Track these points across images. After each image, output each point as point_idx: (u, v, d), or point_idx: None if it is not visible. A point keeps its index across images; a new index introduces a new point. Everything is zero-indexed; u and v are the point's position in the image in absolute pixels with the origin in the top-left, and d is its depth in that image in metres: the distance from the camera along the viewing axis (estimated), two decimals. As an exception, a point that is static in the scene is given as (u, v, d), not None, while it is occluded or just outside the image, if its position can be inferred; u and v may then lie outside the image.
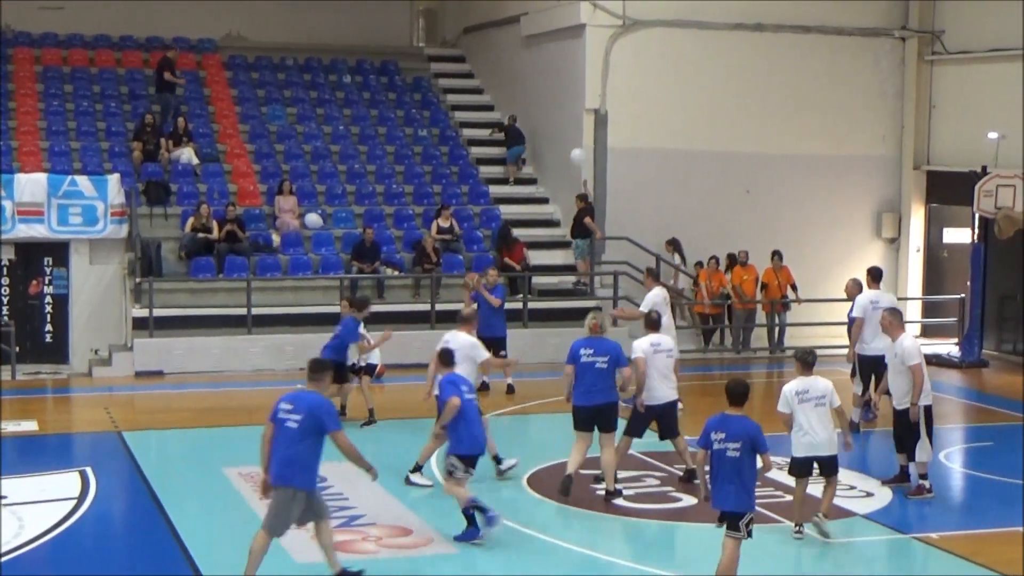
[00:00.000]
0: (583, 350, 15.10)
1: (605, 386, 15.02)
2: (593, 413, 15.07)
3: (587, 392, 15.02)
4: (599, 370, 15.01)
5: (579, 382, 15.03)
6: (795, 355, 13.96)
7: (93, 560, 13.07)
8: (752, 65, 28.52)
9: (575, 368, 15.04)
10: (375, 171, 29.23)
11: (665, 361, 15.33)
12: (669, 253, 27.39)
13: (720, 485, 11.60)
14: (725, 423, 11.62)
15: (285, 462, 11.56)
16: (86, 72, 30.71)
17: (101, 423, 19.55)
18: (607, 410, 15.09)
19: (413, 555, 13.13)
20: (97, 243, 25.07)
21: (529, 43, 30.27)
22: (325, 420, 11.61)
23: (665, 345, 15.46)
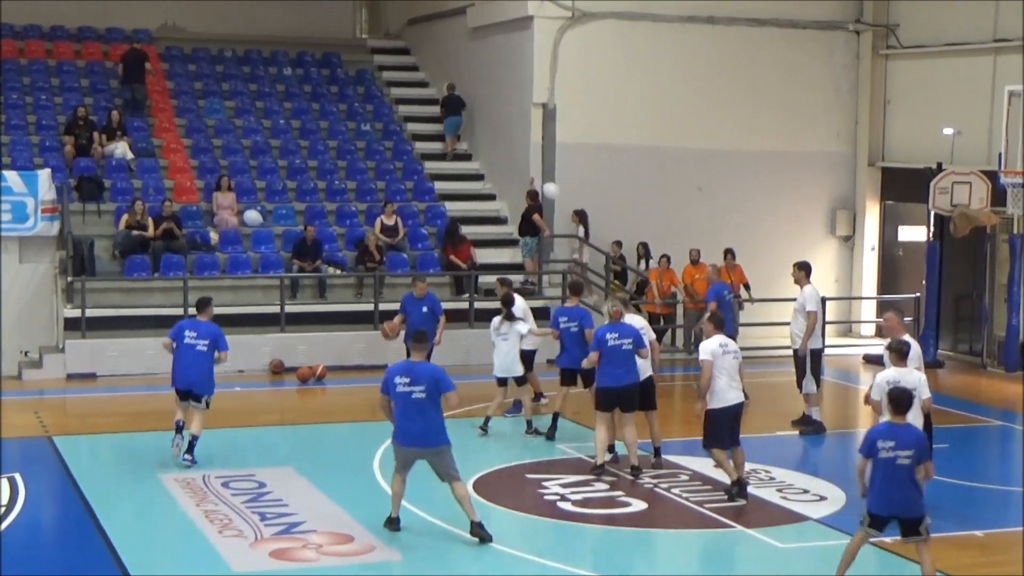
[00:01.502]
0: (608, 334, 15.75)
1: (631, 367, 15.77)
2: (619, 393, 15.78)
3: (614, 374, 15.68)
4: (626, 352, 15.73)
5: (606, 365, 15.68)
6: (890, 347, 13.69)
7: (22, 569, 12.67)
8: (705, 59, 28.27)
9: (601, 352, 15.66)
10: (316, 166, 28.71)
11: (732, 362, 15.02)
12: (575, 224, 27.00)
13: (890, 492, 11.63)
14: (894, 431, 11.69)
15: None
16: (15, 64, 30.04)
17: (31, 427, 19.11)
18: (633, 390, 15.89)
19: (354, 562, 12.80)
20: (27, 241, 24.52)
21: (476, 35, 29.86)
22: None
23: (732, 346, 15.17)
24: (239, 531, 13.42)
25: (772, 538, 13.56)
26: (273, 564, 12.49)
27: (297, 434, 18.71)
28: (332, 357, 23.07)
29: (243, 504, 14.39)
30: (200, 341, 16.64)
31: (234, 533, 13.36)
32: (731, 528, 13.95)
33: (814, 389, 18.96)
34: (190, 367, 16.61)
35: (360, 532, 13.55)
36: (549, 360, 21.44)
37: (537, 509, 14.69)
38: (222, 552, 12.74)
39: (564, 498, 15.04)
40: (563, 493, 15.22)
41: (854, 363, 25.69)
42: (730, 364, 14.92)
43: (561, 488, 15.42)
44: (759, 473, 16.23)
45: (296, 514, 14.13)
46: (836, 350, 26.70)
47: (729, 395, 14.88)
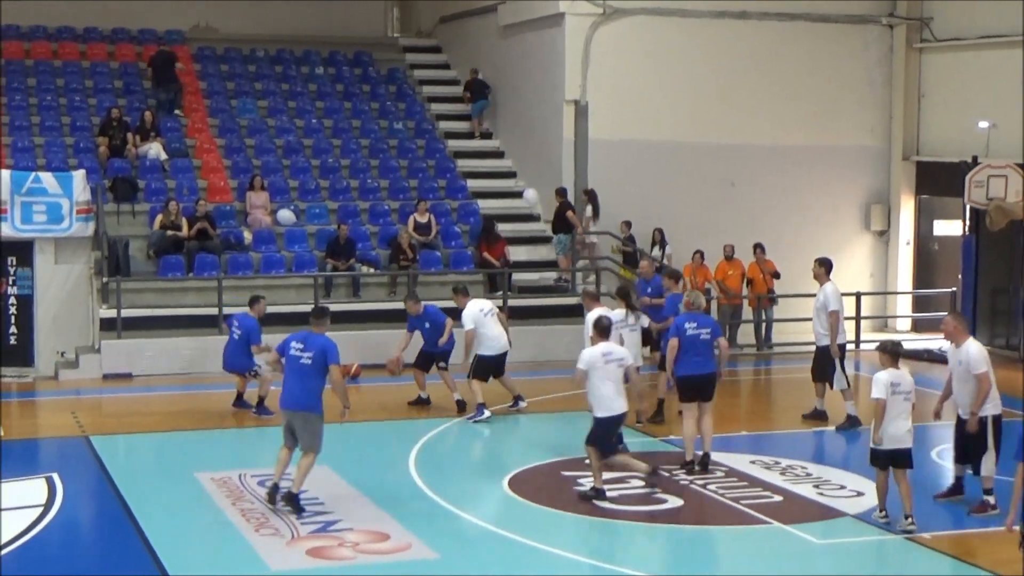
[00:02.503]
0: (687, 323, 15.97)
1: (709, 357, 15.99)
2: (699, 382, 15.94)
3: (693, 362, 15.87)
4: (704, 341, 15.97)
5: (685, 354, 15.87)
6: (882, 347, 13.66)
7: (61, 568, 12.68)
8: (736, 54, 28.17)
9: (680, 341, 15.83)
10: (349, 165, 28.71)
11: (617, 371, 14.64)
12: (583, 202, 27.08)
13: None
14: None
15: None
16: (49, 65, 30.15)
17: (68, 428, 19.13)
18: (711, 379, 16.06)
19: (391, 560, 12.74)
20: (62, 242, 24.62)
21: (507, 33, 29.82)
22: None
23: (617, 354, 14.74)
24: (275, 529, 13.42)
25: (809, 534, 13.46)
26: (310, 562, 12.48)
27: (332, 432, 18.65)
28: (366, 355, 23.04)
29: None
30: (236, 331, 19.62)
31: (271, 531, 13.36)
32: (768, 524, 13.84)
33: (846, 385, 18.85)
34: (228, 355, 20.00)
35: (396, 530, 13.49)
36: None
37: (573, 506, 14.59)
38: (259, 550, 12.74)
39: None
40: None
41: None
42: (615, 372, 14.60)
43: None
44: (795, 469, 16.16)
45: (332, 512, 14.09)
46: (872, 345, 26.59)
47: (616, 404, 14.58)
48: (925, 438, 18.29)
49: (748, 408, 20.16)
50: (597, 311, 16.67)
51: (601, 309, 16.86)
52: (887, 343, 13.77)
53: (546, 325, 24.78)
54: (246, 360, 19.71)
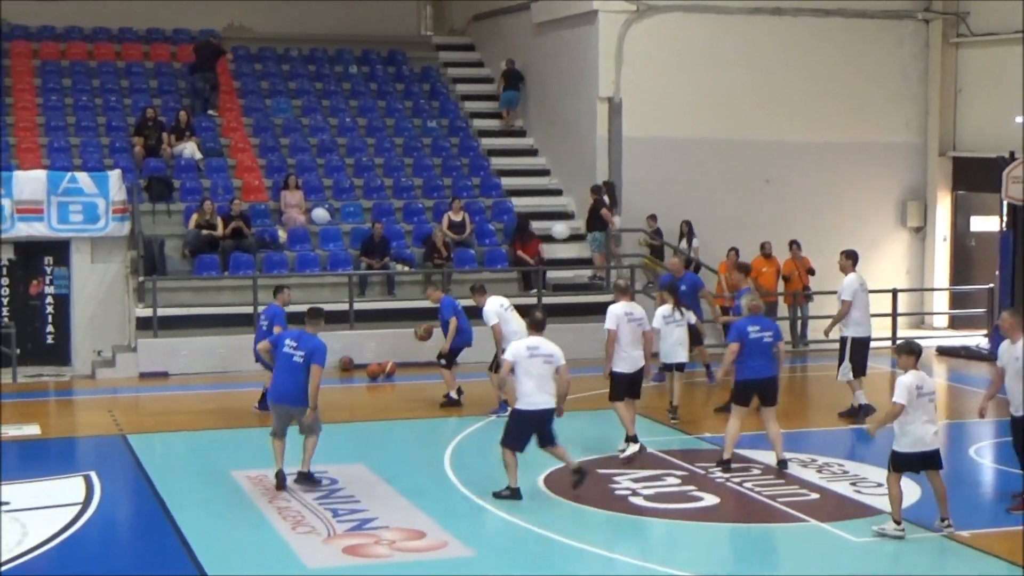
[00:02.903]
0: (750, 327, 15.82)
1: (771, 360, 15.88)
2: (760, 385, 15.87)
3: (756, 366, 15.77)
4: (767, 344, 15.86)
5: (747, 358, 15.73)
6: (903, 348, 13.27)
7: (98, 566, 12.72)
8: (771, 51, 28.07)
9: (742, 345, 15.69)
10: (383, 164, 28.73)
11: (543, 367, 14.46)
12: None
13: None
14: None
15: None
16: (85, 66, 30.29)
17: (105, 426, 19.22)
18: (774, 383, 16.05)
19: (427, 558, 12.74)
20: (99, 241, 24.75)
21: (540, 30, 29.80)
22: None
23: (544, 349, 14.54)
24: (312, 528, 13.44)
25: (846, 532, 13.38)
26: (346, 560, 12.47)
27: (368, 431, 18.72)
28: (401, 354, 23.07)
29: (315, 501, 14.41)
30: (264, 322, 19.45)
31: (307, 530, 13.38)
32: (804, 522, 13.77)
33: (850, 376, 18.80)
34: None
35: (433, 528, 13.49)
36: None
37: (608, 504, 14.56)
38: (295, 549, 12.75)
39: (636, 493, 14.93)
40: (635, 488, 15.11)
41: (926, 355, 25.29)
42: (539, 368, 14.45)
43: (632, 483, 15.32)
44: (832, 467, 16.08)
45: (368, 510, 14.10)
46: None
47: (537, 398, 14.44)
48: (962, 435, 18.28)
49: (784, 406, 19.89)
50: (622, 305, 16.74)
51: (626, 304, 16.85)
52: (907, 343, 13.41)
53: (580, 323, 24.72)
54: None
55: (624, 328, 16.67)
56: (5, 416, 20.18)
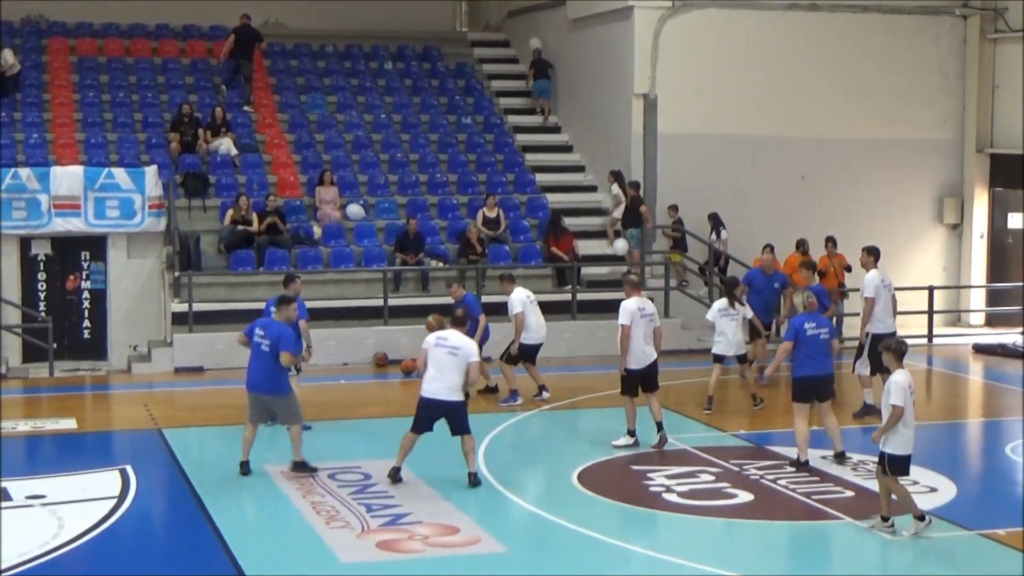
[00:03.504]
0: (807, 324, 15.81)
1: (828, 357, 15.89)
2: (818, 382, 15.86)
3: (814, 363, 15.76)
4: (823, 341, 15.86)
5: (804, 355, 15.74)
6: (890, 347, 13.22)
7: (134, 560, 12.81)
8: (807, 47, 27.95)
9: (796, 342, 15.75)
10: (418, 160, 28.75)
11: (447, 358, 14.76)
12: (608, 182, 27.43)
13: None
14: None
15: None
16: (122, 62, 30.41)
17: (141, 420, 19.30)
18: (831, 379, 16.12)
19: (460, 554, 12.77)
20: (135, 237, 24.92)
21: (576, 26, 29.76)
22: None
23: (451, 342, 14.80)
24: (346, 522, 13.47)
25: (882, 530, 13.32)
26: (380, 555, 12.49)
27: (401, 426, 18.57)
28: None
29: (349, 496, 14.44)
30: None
31: (341, 524, 13.40)
32: (839, 520, 13.74)
33: (866, 372, 18.68)
34: None
35: (466, 523, 13.50)
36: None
37: (642, 500, 14.55)
38: (329, 543, 12.78)
39: (670, 489, 14.90)
40: (668, 484, 15.08)
41: (963, 352, 25.27)
42: (441, 358, 14.61)
43: (667, 480, 15.30)
44: (867, 464, 16.00)
45: (401, 505, 14.11)
46: (945, 339, 26.41)
47: (434, 386, 14.71)
48: (999, 434, 18.21)
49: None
50: (635, 300, 16.85)
51: (639, 298, 16.94)
52: (895, 342, 13.37)
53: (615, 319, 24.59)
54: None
55: (637, 324, 16.73)
56: (43, 410, 20.54)
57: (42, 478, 15.54)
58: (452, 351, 14.64)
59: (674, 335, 25.26)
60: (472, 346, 14.86)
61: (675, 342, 25.20)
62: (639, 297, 17.07)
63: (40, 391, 22.03)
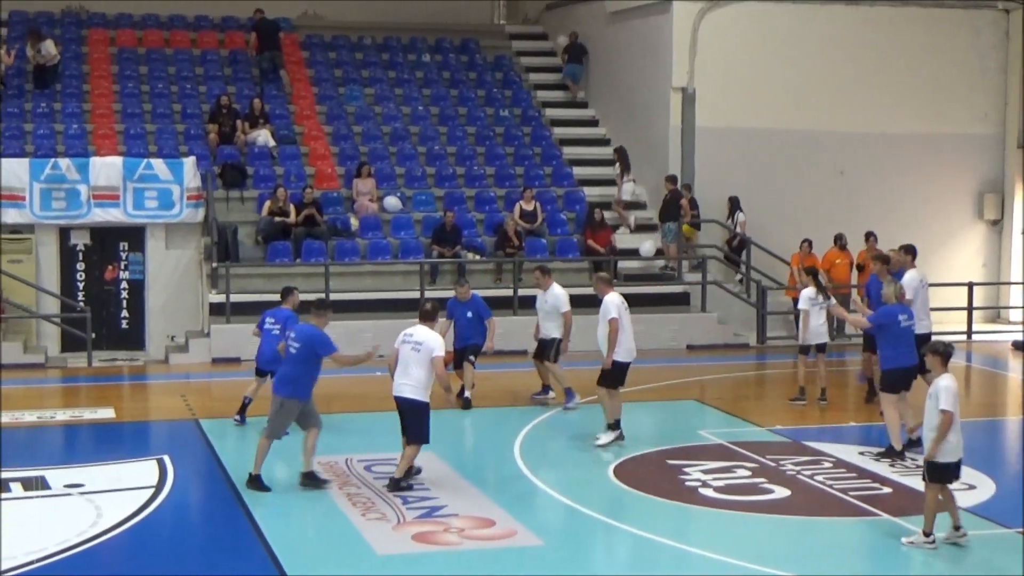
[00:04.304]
0: (900, 315, 15.73)
1: (914, 348, 15.74)
2: (909, 373, 15.93)
3: (903, 355, 15.75)
4: (912, 333, 15.91)
5: (893, 347, 15.69)
6: (936, 349, 12.63)
7: (171, 549, 12.83)
8: (846, 40, 27.83)
9: (888, 333, 15.79)
10: (455, 152, 28.75)
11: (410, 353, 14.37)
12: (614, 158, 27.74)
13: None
14: None
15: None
16: (161, 53, 30.51)
17: (178, 410, 19.39)
18: (916, 371, 15.97)
19: (496, 546, 12.70)
20: (173, 227, 24.98)
21: (614, 19, 29.70)
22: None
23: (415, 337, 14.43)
24: (382, 514, 13.46)
25: (919, 526, 13.17)
26: (416, 547, 12.47)
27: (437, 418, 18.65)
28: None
29: (385, 487, 14.45)
30: (275, 326, 17.84)
31: (377, 516, 13.40)
32: (877, 516, 13.66)
33: None
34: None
35: (502, 516, 13.46)
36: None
37: (678, 495, 14.49)
38: (366, 535, 12.77)
39: (706, 484, 14.83)
40: (705, 479, 15.02)
41: (1003, 350, 25.09)
42: (407, 353, 14.31)
43: (703, 474, 15.23)
44: (905, 460, 15.92)
45: (437, 498, 14.10)
46: (984, 336, 26.23)
47: (397, 382, 14.39)
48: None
49: (857, 398, 19.88)
50: (612, 296, 16.70)
51: (614, 295, 16.78)
52: (940, 344, 12.75)
53: (651, 313, 24.65)
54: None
55: (624, 317, 16.68)
56: (81, 399, 20.73)
57: (80, 467, 15.61)
58: (416, 346, 14.30)
59: (711, 330, 25.26)
60: (437, 341, 14.34)
61: (712, 337, 25.21)
62: (613, 294, 16.89)
63: (78, 380, 22.15)
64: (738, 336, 25.57)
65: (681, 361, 23.61)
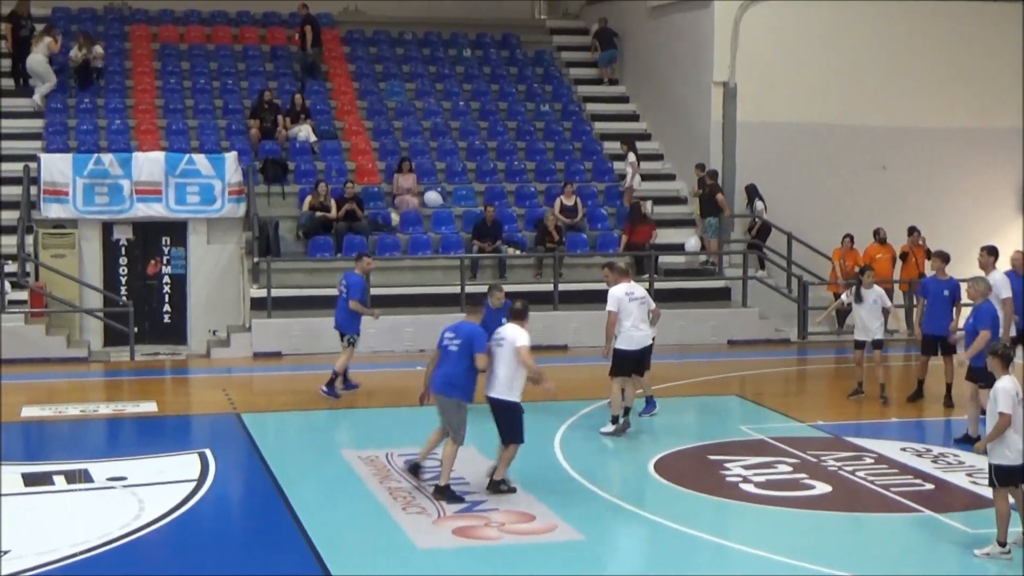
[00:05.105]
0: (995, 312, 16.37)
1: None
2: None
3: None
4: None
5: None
6: (996, 351, 12.42)
7: (213, 542, 12.91)
8: (890, 33, 27.71)
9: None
10: (496, 148, 28.76)
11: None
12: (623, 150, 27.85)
13: None
14: None
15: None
16: (203, 49, 30.65)
17: (219, 404, 19.46)
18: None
19: (537, 541, 12.71)
20: (215, 222, 25.12)
21: (655, 14, 29.64)
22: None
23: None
24: (422, 508, 13.48)
25: (961, 523, 13.16)
26: (456, 542, 12.49)
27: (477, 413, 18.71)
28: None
29: (426, 482, 14.47)
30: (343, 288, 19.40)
31: (417, 510, 13.41)
32: (919, 513, 13.60)
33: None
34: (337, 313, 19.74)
35: (542, 511, 13.46)
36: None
37: (719, 490, 14.47)
38: (406, 529, 12.79)
39: (747, 480, 14.81)
40: (746, 475, 14.98)
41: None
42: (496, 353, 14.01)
43: (743, 470, 15.20)
44: (947, 457, 15.84)
45: (478, 492, 14.10)
46: None
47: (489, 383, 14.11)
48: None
49: (899, 394, 19.78)
50: (616, 288, 16.89)
51: (627, 285, 16.94)
52: (1000, 346, 12.63)
53: (692, 308, 24.63)
54: (348, 322, 19.62)
55: (625, 308, 16.79)
56: (124, 393, 20.88)
57: (123, 460, 15.70)
58: (499, 342, 14.06)
59: (752, 324, 25.18)
60: (518, 332, 14.00)
61: (753, 331, 25.13)
62: (627, 283, 17.07)
63: (121, 374, 22.31)
64: (779, 331, 25.49)
65: (722, 356, 23.56)
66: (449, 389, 13.90)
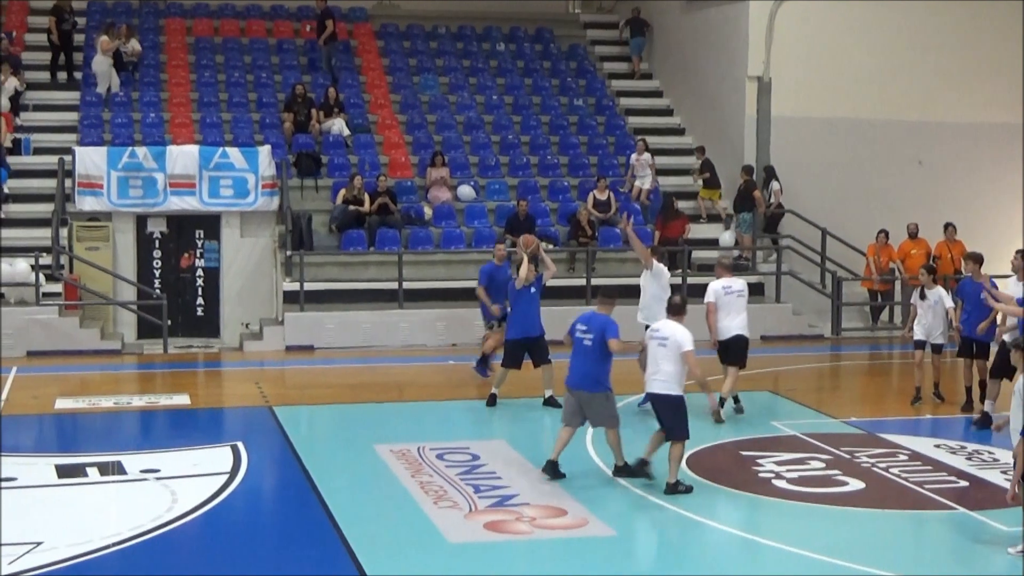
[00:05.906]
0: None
1: None
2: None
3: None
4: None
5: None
6: (1019, 345, 12.42)
7: (246, 535, 12.95)
8: (925, 27, 27.54)
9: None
10: (529, 142, 28.72)
11: None
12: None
13: None
14: None
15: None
16: (237, 42, 30.72)
17: (252, 398, 19.51)
18: None
19: (568, 536, 12.68)
20: (248, 216, 25.16)
21: (690, 8, 29.55)
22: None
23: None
24: (454, 502, 13.47)
25: (996, 521, 13.06)
26: (487, 536, 12.47)
27: (510, 407, 18.72)
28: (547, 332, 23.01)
29: (457, 476, 14.45)
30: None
31: (449, 504, 13.40)
32: (953, 510, 13.52)
33: None
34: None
35: (574, 506, 13.43)
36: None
37: (752, 486, 14.43)
38: (437, 523, 12.78)
39: (779, 476, 14.75)
40: (778, 471, 14.92)
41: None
42: (655, 350, 14.00)
43: (776, 466, 15.14)
44: (982, 454, 15.74)
45: (509, 487, 14.09)
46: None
47: (649, 380, 14.21)
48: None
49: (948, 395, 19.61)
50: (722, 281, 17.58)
51: (730, 279, 17.62)
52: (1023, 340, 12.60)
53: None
54: (482, 308, 20.21)
55: (722, 301, 17.44)
56: (157, 386, 21.01)
57: (156, 452, 15.75)
58: (662, 342, 14.07)
59: (785, 320, 25.08)
60: (685, 335, 14.01)
61: (786, 327, 25.04)
62: (728, 277, 17.72)
63: (154, 367, 22.38)
64: (813, 327, 25.38)
65: (755, 352, 23.33)
66: (592, 385, 14.20)
